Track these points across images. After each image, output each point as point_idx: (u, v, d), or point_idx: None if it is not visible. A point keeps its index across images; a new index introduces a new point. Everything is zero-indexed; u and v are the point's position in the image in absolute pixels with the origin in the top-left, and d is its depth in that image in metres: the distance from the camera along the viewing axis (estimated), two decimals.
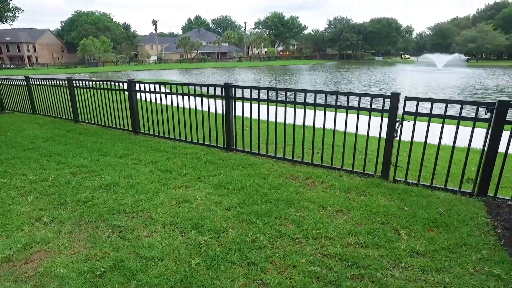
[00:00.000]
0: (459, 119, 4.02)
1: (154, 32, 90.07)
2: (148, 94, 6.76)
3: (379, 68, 56.40)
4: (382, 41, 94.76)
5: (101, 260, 2.75)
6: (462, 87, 27.09)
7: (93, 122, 8.19)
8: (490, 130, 3.83)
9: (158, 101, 6.86)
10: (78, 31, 78.46)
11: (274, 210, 3.59)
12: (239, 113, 5.78)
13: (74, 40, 78.73)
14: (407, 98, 4.19)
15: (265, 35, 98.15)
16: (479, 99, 20.35)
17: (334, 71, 48.89)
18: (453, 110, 4.11)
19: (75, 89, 8.27)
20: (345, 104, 4.70)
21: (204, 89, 6.11)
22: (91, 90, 7.80)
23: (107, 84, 7.46)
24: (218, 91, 5.77)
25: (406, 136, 4.53)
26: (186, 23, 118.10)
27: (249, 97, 5.51)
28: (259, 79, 37.43)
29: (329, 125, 5.31)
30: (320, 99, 5.12)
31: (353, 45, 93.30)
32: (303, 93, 5.07)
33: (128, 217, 3.48)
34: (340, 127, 5.04)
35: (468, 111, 3.99)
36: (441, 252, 2.81)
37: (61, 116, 9.03)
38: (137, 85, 6.91)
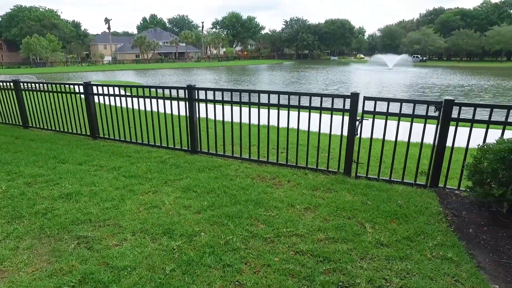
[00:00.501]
0: (412, 117, 4.33)
1: (107, 31, 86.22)
2: (107, 97, 6.50)
3: (335, 68, 58.52)
4: (336, 41, 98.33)
5: (68, 275, 2.63)
6: (411, 86, 28.93)
7: (45, 127, 7.70)
8: (438, 126, 4.17)
9: (118, 104, 6.61)
10: (20, 27, 72.58)
11: (244, 211, 3.64)
12: (203, 115, 5.75)
13: (15, 37, 72.78)
14: (366, 98, 4.43)
15: (223, 35, 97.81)
16: (426, 97, 21.93)
17: (292, 71, 49.91)
18: (407, 108, 4.42)
19: (23, 92, 7.73)
20: (308, 105, 4.86)
21: (167, 91, 6.01)
22: (43, 93, 7.34)
23: (61, 86, 7.05)
24: (181, 93, 5.71)
25: (366, 134, 4.78)
26: (141, 22, 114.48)
27: (213, 99, 5.51)
28: (218, 79, 37.28)
29: (293, 125, 5.46)
30: (284, 99, 5.23)
31: (310, 45, 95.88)
32: (267, 94, 5.16)
33: (95, 227, 3.34)
34: (303, 126, 5.20)
35: (421, 109, 4.31)
36: (403, 241, 3.02)
37: (7, 122, 8.39)
38: (94, 87, 6.61)
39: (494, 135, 3.93)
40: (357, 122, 4.57)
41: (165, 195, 4.10)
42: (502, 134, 3.93)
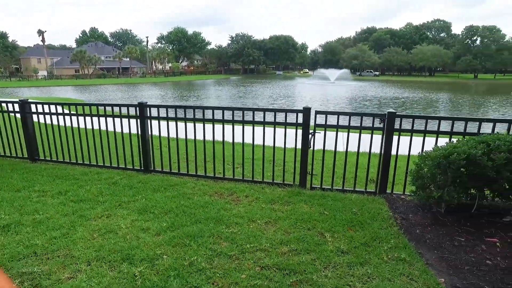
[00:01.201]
0: (360, 129, 4.64)
1: (41, 43, 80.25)
2: (48, 116, 6.05)
3: (281, 82, 60.49)
4: (281, 56, 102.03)
5: None
6: (354, 99, 30.88)
7: None
8: (383, 137, 4.52)
9: (61, 123, 6.18)
10: None
11: (206, 230, 3.58)
12: (155, 132, 5.60)
13: None
14: (317, 112, 4.66)
15: (169, 50, 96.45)
16: (367, 109, 23.47)
17: (238, 86, 50.56)
18: (355, 121, 4.73)
19: None
20: (262, 120, 4.97)
21: (116, 109, 5.77)
22: None
23: None
24: (132, 111, 5.52)
25: (318, 146, 5.01)
26: (81, 35, 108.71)
27: (165, 116, 5.40)
28: (165, 95, 36.46)
29: (249, 140, 5.53)
30: (238, 115, 5.31)
31: (256, 60, 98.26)
32: (221, 110, 5.20)
33: (41, 260, 3.05)
34: (259, 141, 5.30)
35: (368, 121, 4.64)
36: (361, 247, 3.19)
37: None
38: (33, 106, 6.12)
39: (431, 143, 4.35)
40: (310, 135, 4.77)
41: (120, 218, 3.89)
42: (436, 142, 4.36)
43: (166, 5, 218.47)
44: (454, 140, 4.12)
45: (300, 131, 4.80)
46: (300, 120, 4.74)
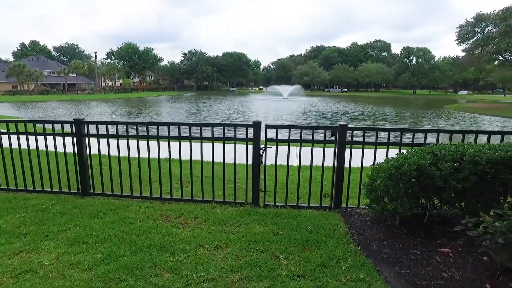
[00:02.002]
0: (312, 142, 4.52)
1: None
2: None
3: (234, 98, 60.66)
4: (234, 73, 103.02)
5: None
6: (306, 113, 31.62)
7: None
8: (336, 150, 4.44)
9: None
10: None
11: (147, 260, 3.17)
12: (95, 151, 5.06)
13: None
14: (268, 126, 4.47)
15: (119, 66, 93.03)
16: (321, 123, 24.09)
17: (191, 102, 49.66)
18: (307, 134, 4.61)
19: None
20: (211, 135, 4.68)
21: (48, 126, 5.15)
22: None
23: None
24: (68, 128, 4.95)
25: (270, 161, 4.80)
26: (19, 48, 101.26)
27: (106, 133, 4.91)
28: (112, 112, 34.63)
29: (197, 157, 5.19)
30: (185, 131, 4.97)
31: (209, 76, 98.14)
32: (166, 127, 4.82)
33: None
34: (208, 158, 4.98)
35: (320, 135, 4.54)
36: (318, 269, 2.98)
37: None
38: None
39: (383, 154, 4.34)
40: (261, 151, 4.56)
41: (44, 252, 3.33)
42: (387, 153, 4.36)
43: (118, 20, 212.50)
44: (404, 151, 4.14)
45: (251, 146, 4.57)
46: (251, 135, 4.52)
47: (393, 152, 4.29)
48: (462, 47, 52.57)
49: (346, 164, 4.45)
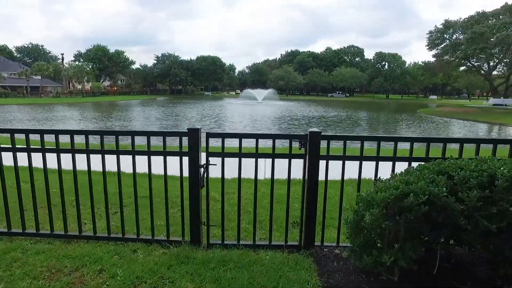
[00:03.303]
0: (273, 157, 3.21)
1: None
2: None
3: (208, 102, 58.79)
4: (209, 77, 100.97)
5: None
6: (281, 118, 30.33)
7: None
8: (306, 166, 3.15)
9: None
10: None
11: None
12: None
13: None
14: (209, 135, 3.13)
15: (88, 68, 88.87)
16: (297, 129, 22.54)
17: (161, 106, 47.31)
18: (269, 144, 3.30)
19: None
20: (131, 149, 3.29)
21: None
22: None
23: None
24: None
25: (217, 181, 3.46)
26: None
27: None
28: (71, 116, 32.15)
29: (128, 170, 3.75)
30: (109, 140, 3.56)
31: (183, 80, 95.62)
32: (83, 135, 3.36)
33: None
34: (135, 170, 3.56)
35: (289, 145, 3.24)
36: None
37: None
38: None
39: (370, 170, 3.10)
40: (201, 169, 3.21)
41: None
42: (376, 171, 3.13)
43: (91, 23, 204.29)
44: (399, 168, 2.92)
45: (187, 159, 3.20)
46: (186, 147, 3.15)
47: (384, 168, 3.07)
48: (433, 52, 53.58)
49: (321, 177, 3.18)
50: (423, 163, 2.78)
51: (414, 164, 2.92)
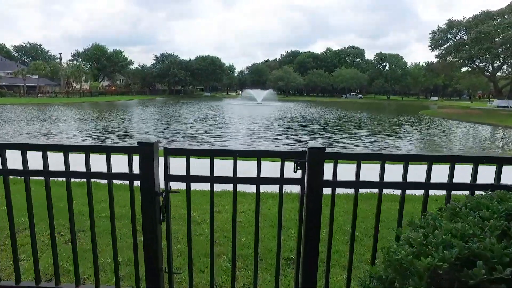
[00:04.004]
0: (258, 183, 2.31)
1: None
2: None
3: (206, 103, 57.76)
4: (208, 77, 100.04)
5: None
6: (281, 120, 29.13)
7: None
8: (304, 195, 2.25)
9: None
10: None
11: None
12: None
13: None
14: (168, 151, 2.23)
15: (86, 68, 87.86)
16: (296, 132, 21.32)
17: (158, 107, 46.17)
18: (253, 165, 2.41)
19: None
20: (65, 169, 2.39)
21: None
22: None
23: None
24: None
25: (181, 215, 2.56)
26: None
27: None
28: (62, 117, 31.23)
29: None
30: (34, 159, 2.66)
31: (182, 80, 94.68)
32: None
33: None
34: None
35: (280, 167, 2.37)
36: None
37: None
38: None
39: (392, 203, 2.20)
40: (160, 197, 2.31)
41: None
42: (401, 209, 2.25)
43: (90, 23, 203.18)
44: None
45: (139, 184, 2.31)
46: (137, 169, 2.25)
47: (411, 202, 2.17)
48: (435, 52, 52.74)
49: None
50: (483, 192, 1.83)
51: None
